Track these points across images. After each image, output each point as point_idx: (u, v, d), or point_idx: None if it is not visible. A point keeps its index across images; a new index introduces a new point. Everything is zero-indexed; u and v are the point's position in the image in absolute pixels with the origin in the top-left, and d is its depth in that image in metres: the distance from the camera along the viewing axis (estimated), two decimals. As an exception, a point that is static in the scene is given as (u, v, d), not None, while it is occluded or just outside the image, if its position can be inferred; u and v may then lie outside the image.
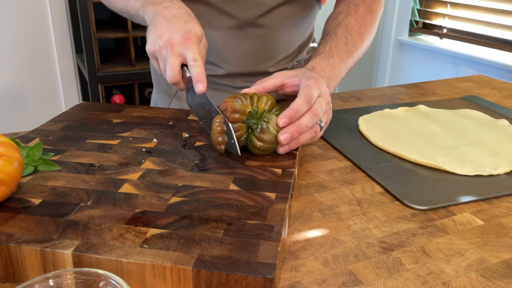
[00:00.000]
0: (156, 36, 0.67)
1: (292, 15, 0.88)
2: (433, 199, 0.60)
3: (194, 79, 0.64)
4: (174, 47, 0.65)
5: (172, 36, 0.66)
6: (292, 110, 0.61)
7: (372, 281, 0.46)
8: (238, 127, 0.62)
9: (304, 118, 0.62)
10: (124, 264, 0.41)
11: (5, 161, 0.47)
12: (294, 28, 0.90)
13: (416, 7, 2.55)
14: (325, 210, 0.58)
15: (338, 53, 0.77)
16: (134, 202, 0.51)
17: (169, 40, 0.66)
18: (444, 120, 0.86)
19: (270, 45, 0.89)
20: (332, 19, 0.86)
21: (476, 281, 0.47)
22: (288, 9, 0.86)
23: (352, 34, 0.80)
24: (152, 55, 0.69)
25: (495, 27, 2.16)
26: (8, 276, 0.45)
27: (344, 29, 0.81)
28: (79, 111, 0.77)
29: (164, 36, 0.66)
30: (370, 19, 0.85)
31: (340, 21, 0.83)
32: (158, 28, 0.67)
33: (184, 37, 0.66)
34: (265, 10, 0.84)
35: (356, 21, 0.82)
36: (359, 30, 0.81)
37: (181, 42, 0.65)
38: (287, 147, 0.63)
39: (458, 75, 2.28)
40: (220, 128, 0.61)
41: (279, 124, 0.61)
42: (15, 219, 0.47)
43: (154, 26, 0.68)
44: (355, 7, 0.85)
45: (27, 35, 2.13)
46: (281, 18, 0.86)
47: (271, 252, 0.43)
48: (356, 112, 0.90)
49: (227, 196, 0.52)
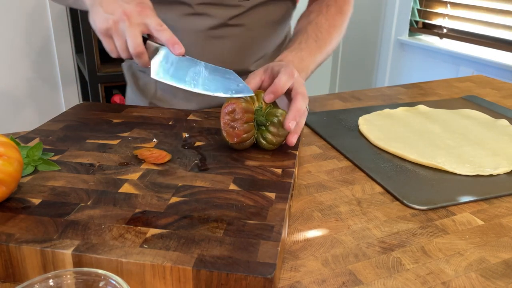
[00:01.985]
0: (106, 13, 0.64)
1: (269, 15, 0.89)
2: (433, 199, 0.60)
3: (168, 42, 0.62)
4: (132, 17, 0.63)
5: (125, 7, 0.63)
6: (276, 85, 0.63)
7: (372, 281, 0.46)
8: (249, 127, 0.62)
9: (299, 102, 0.64)
10: (124, 264, 0.41)
11: (5, 161, 0.47)
12: (271, 28, 0.91)
13: (416, 7, 2.54)
14: (325, 210, 0.58)
15: (307, 48, 0.79)
16: (134, 202, 0.51)
17: (124, 12, 0.63)
18: (444, 120, 0.86)
19: (248, 44, 0.89)
20: (304, 17, 0.88)
21: (476, 281, 0.47)
22: (265, 9, 0.87)
23: (322, 32, 0.83)
24: (105, 33, 0.65)
25: (495, 27, 2.16)
26: (8, 276, 0.45)
27: (314, 27, 0.83)
28: (79, 111, 0.77)
29: (116, 10, 0.63)
30: (340, 20, 0.88)
31: (312, 20, 0.85)
32: (105, 5, 0.64)
33: (139, 6, 0.64)
34: (243, 10, 0.84)
35: (326, 20, 0.85)
36: (328, 29, 0.84)
37: (137, 11, 0.63)
38: (295, 134, 0.64)
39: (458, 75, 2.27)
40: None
41: (265, 100, 0.63)
42: (15, 219, 0.47)
43: (99, 4, 0.64)
44: (326, 7, 0.88)
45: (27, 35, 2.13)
46: (258, 18, 0.87)
47: (271, 252, 0.43)
48: (356, 112, 0.90)
49: (227, 196, 0.52)
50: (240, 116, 0.61)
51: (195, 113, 0.78)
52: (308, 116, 0.87)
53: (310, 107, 0.95)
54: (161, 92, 0.94)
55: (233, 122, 0.61)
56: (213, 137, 0.68)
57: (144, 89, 0.97)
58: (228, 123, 0.61)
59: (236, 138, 0.61)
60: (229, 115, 0.61)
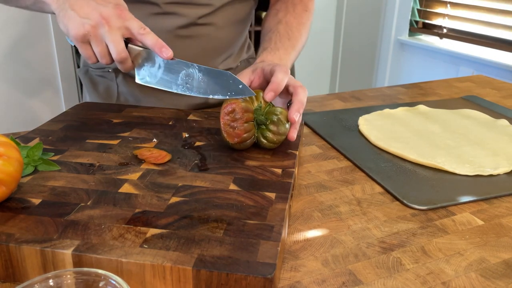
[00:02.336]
0: (81, 17, 0.60)
1: (236, 14, 0.89)
2: (433, 199, 0.60)
3: (155, 46, 0.60)
4: (111, 21, 0.60)
5: (103, 11, 0.60)
6: (275, 83, 0.64)
7: (372, 281, 0.46)
8: (249, 126, 0.62)
9: (300, 94, 0.65)
10: (124, 264, 0.41)
11: (5, 161, 0.47)
12: (238, 26, 0.92)
13: (416, 7, 2.54)
14: (325, 210, 0.58)
15: (283, 47, 0.80)
16: (134, 202, 0.51)
17: (102, 15, 0.60)
18: (444, 120, 0.86)
19: (216, 44, 0.89)
20: (271, 17, 0.89)
21: (476, 281, 0.47)
22: (232, 8, 0.87)
23: (293, 31, 0.84)
24: (82, 39, 0.61)
25: (495, 27, 2.16)
26: (8, 276, 0.45)
27: (285, 26, 0.85)
28: (79, 111, 0.77)
29: (92, 14, 0.60)
30: (306, 17, 0.90)
31: (281, 19, 0.86)
32: (79, 9, 0.60)
33: (117, 9, 0.61)
34: (212, 10, 0.84)
35: (295, 18, 0.87)
36: (297, 27, 0.86)
37: (116, 14, 0.60)
38: (295, 129, 0.65)
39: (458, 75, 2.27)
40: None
41: (266, 99, 0.64)
42: (15, 219, 0.47)
43: (71, 8, 0.61)
44: (293, 6, 0.89)
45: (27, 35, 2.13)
46: (226, 17, 0.87)
47: (271, 252, 0.43)
48: (356, 112, 0.90)
49: (227, 196, 0.52)
50: (240, 116, 0.61)
51: (195, 113, 0.78)
52: (308, 116, 0.88)
53: (310, 107, 0.95)
54: (124, 97, 0.92)
55: (233, 122, 0.61)
56: (213, 137, 0.68)
57: (104, 94, 0.94)
58: (228, 123, 0.61)
59: (237, 138, 0.61)
60: (229, 115, 0.61)
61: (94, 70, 0.95)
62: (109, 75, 0.92)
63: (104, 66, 0.92)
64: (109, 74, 0.92)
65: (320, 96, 1.03)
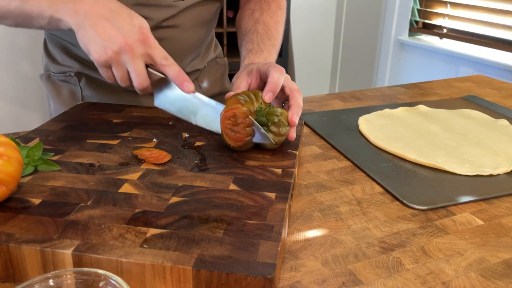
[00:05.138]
0: (103, 40, 0.58)
1: (201, 15, 0.89)
2: (433, 199, 0.60)
3: (177, 79, 0.61)
4: (135, 49, 0.58)
5: (126, 36, 0.58)
6: (272, 83, 0.65)
7: (372, 281, 0.46)
8: (251, 130, 0.62)
9: (298, 98, 0.66)
10: (124, 264, 0.41)
11: (5, 161, 0.47)
12: (204, 27, 0.91)
13: (416, 7, 2.54)
14: (325, 210, 0.58)
15: (265, 48, 0.81)
16: (134, 202, 0.51)
17: (126, 41, 0.58)
18: (444, 120, 0.86)
19: (183, 45, 0.88)
20: (247, 17, 0.89)
21: (476, 281, 0.47)
22: (197, 9, 0.87)
23: (271, 30, 0.86)
24: (104, 64, 0.60)
25: (495, 27, 2.16)
26: (8, 276, 0.45)
27: (263, 26, 0.86)
28: (79, 111, 0.77)
29: (116, 39, 0.58)
30: (281, 15, 0.91)
31: (257, 19, 0.87)
32: (101, 30, 0.58)
33: (141, 34, 0.59)
34: (177, 11, 0.83)
35: (271, 18, 0.88)
36: (274, 26, 0.87)
37: (140, 40, 0.59)
38: (294, 129, 0.66)
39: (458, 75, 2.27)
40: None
41: (265, 100, 0.64)
42: (15, 219, 0.47)
43: (93, 29, 0.59)
44: (267, 4, 0.90)
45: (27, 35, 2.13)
46: (192, 18, 0.87)
47: (271, 252, 0.43)
48: (356, 112, 0.90)
49: (227, 196, 0.52)
50: (241, 121, 0.61)
51: (195, 113, 0.78)
52: (308, 116, 0.88)
53: (310, 107, 0.96)
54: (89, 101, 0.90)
55: (234, 127, 0.61)
56: (213, 137, 0.68)
57: (68, 99, 0.91)
58: (230, 127, 0.61)
59: (239, 141, 0.62)
60: (230, 119, 0.61)
61: (56, 74, 0.92)
62: (72, 79, 0.90)
63: (66, 71, 0.90)
64: (72, 78, 0.89)
65: (320, 96, 1.03)
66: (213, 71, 1.01)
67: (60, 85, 0.92)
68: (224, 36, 2.36)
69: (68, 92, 0.91)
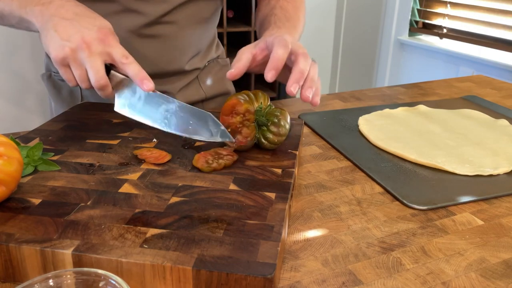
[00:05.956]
0: (62, 39, 0.58)
1: (200, 12, 0.88)
2: (433, 199, 0.60)
3: (136, 77, 0.58)
4: (92, 46, 0.57)
5: (85, 34, 0.57)
6: (274, 59, 0.60)
7: (372, 281, 0.46)
8: (251, 132, 0.62)
9: (301, 62, 0.61)
10: (124, 264, 0.41)
11: (5, 161, 0.47)
12: (202, 25, 0.91)
13: (416, 7, 2.55)
14: (325, 210, 0.58)
15: (284, 26, 0.77)
16: (134, 202, 0.51)
17: (83, 39, 0.57)
18: (444, 120, 0.86)
19: (180, 43, 0.88)
20: (264, 6, 0.88)
21: (476, 281, 0.47)
22: (195, 5, 0.86)
23: (290, 13, 0.82)
24: (61, 62, 0.59)
25: (495, 27, 2.16)
26: (8, 276, 0.45)
27: (280, 10, 0.83)
28: (79, 111, 0.77)
29: (74, 37, 0.57)
30: (300, 2, 0.88)
31: (274, 5, 0.85)
32: (61, 30, 0.58)
33: (101, 33, 0.58)
34: (173, 6, 0.82)
35: (288, 3, 0.85)
36: (294, 10, 0.84)
37: (99, 39, 0.58)
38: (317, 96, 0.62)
39: (458, 75, 2.28)
40: None
41: (267, 79, 0.60)
42: (15, 219, 0.47)
43: (54, 29, 0.59)
44: None
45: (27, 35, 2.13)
46: (190, 15, 0.86)
47: (271, 252, 0.43)
48: (356, 112, 0.90)
49: (227, 196, 0.52)
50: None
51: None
52: (308, 116, 0.88)
53: (310, 107, 0.95)
54: (88, 100, 0.90)
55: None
56: (213, 137, 0.68)
57: (68, 99, 0.92)
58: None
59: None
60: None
61: (57, 74, 0.92)
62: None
63: None
64: None
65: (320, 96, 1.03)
66: (214, 71, 1.01)
67: (61, 84, 0.92)
68: (224, 36, 2.36)
69: (68, 92, 0.92)
